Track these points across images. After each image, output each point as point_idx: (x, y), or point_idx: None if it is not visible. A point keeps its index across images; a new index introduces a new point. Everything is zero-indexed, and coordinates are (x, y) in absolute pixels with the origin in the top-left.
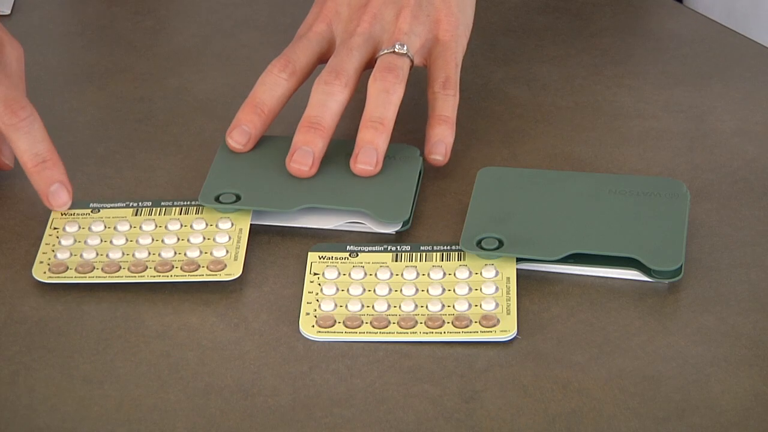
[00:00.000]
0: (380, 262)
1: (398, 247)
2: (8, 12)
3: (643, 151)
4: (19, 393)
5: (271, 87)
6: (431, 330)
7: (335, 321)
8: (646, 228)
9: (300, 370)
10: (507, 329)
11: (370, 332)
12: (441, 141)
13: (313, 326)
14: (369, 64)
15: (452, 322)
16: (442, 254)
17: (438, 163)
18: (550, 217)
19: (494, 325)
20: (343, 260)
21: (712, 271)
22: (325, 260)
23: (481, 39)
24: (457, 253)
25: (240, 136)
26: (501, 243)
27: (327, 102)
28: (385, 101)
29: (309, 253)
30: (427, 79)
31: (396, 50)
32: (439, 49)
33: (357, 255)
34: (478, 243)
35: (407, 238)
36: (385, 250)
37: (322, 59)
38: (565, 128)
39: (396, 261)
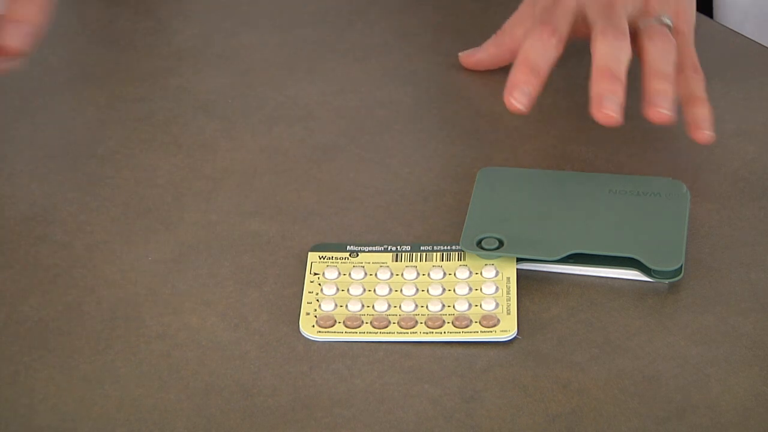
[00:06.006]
0: (380, 262)
1: (398, 247)
2: None
3: (643, 151)
4: (19, 393)
5: (543, 52)
6: (431, 330)
7: (335, 321)
8: (646, 228)
9: (300, 370)
10: (507, 329)
11: (370, 332)
12: (706, 119)
13: (313, 326)
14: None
15: (452, 322)
16: (442, 254)
17: (707, 138)
18: (550, 217)
19: (494, 325)
20: (343, 260)
21: (712, 271)
22: (326, 260)
23: (481, 39)
24: (457, 253)
25: (522, 96)
26: (501, 243)
27: (618, 55)
28: (668, 59)
29: (309, 253)
30: None
31: (663, 20)
32: (680, 39)
33: (357, 255)
34: (478, 243)
35: (407, 238)
36: (385, 250)
37: (571, 36)
38: (565, 128)
39: (396, 261)
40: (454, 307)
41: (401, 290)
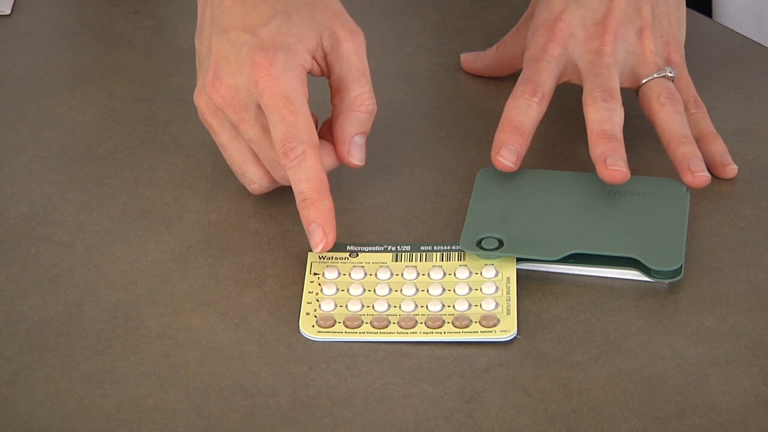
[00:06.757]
0: (380, 262)
1: (398, 247)
2: (8, 12)
3: (643, 151)
4: (19, 393)
5: (525, 110)
6: (431, 330)
7: (335, 321)
8: (646, 228)
9: (300, 370)
10: (507, 329)
11: (370, 332)
12: (725, 153)
13: (313, 326)
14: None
15: (452, 322)
16: (442, 254)
17: (734, 172)
18: (550, 217)
19: (494, 325)
20: (343, 260)
21: (712, 271)
22: (325, 260)
23: (481, 39)
24: (457, 253)
25: (509, 154)
26: (501, 243)
27: (611, 117)
28: (683, 120)
29: (309, 253)
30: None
31: (667, 74)
32: (677, 72)
33: (357, 255)
34: (478, 243)
35: (407, 238)
36: (385, 250)
37: (559, 81)
38: (565, 128)
39: (396, 261)
40: (454, 307)
41: (401, 290)
